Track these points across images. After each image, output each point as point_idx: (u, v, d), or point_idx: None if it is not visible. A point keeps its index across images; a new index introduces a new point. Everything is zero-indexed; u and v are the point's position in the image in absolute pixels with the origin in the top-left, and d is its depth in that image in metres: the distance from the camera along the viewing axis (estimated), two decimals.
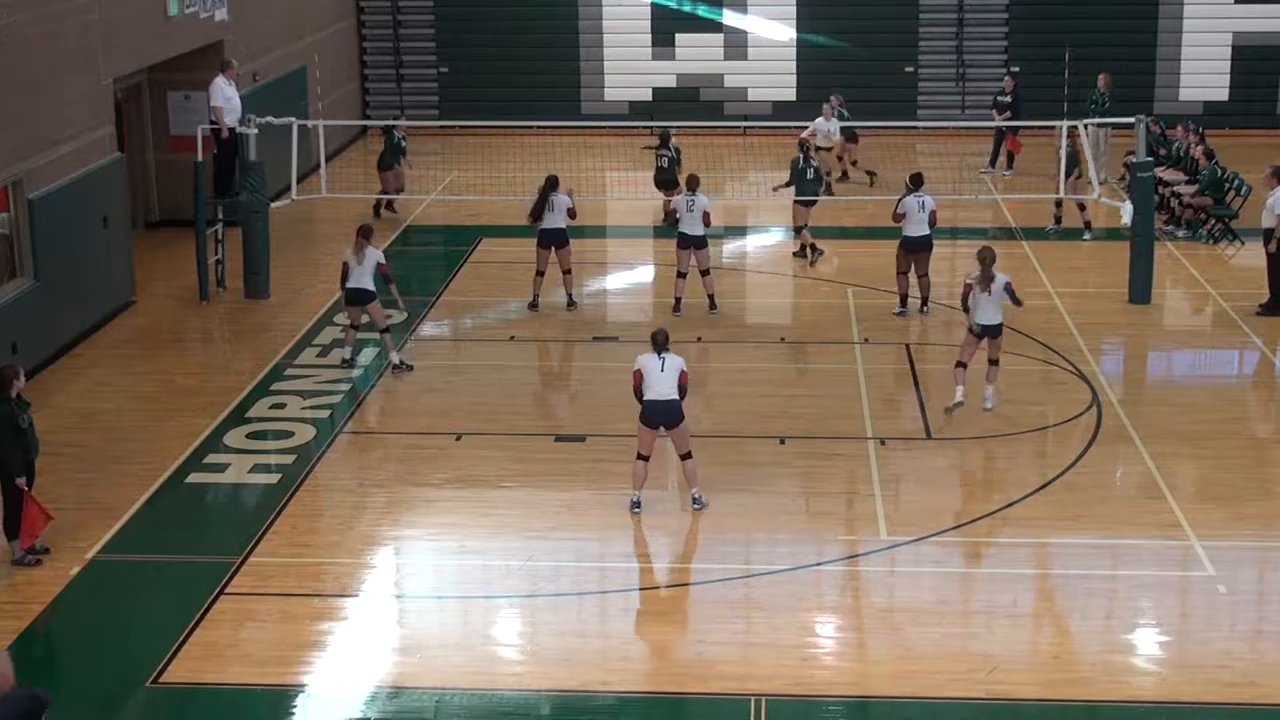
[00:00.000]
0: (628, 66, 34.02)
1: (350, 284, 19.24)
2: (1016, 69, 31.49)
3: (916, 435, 17.27)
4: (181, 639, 12.93)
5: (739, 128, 32.84)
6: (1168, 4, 33.11)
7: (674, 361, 15.21)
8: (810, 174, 23.50)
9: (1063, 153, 23.53)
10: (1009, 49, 33.42)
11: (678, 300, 21.26)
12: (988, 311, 17.51)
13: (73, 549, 14.55)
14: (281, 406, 18.27)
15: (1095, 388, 18.56)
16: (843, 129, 27.70)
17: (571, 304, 21.58)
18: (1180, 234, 25.11)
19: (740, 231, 26.66)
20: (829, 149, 27.33)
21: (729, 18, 33.70)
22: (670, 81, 33.92)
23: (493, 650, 12.99)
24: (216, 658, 12.70)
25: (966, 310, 17.71)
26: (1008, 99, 29.23)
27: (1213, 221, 25.07)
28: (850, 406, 18.04)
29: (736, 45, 33.85)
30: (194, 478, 16.36)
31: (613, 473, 16.19)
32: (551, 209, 21.15)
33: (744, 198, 28.35)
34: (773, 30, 33.68)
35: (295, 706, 12.12)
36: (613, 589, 14.02)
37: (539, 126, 29.59)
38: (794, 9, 33.62)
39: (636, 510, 15.28)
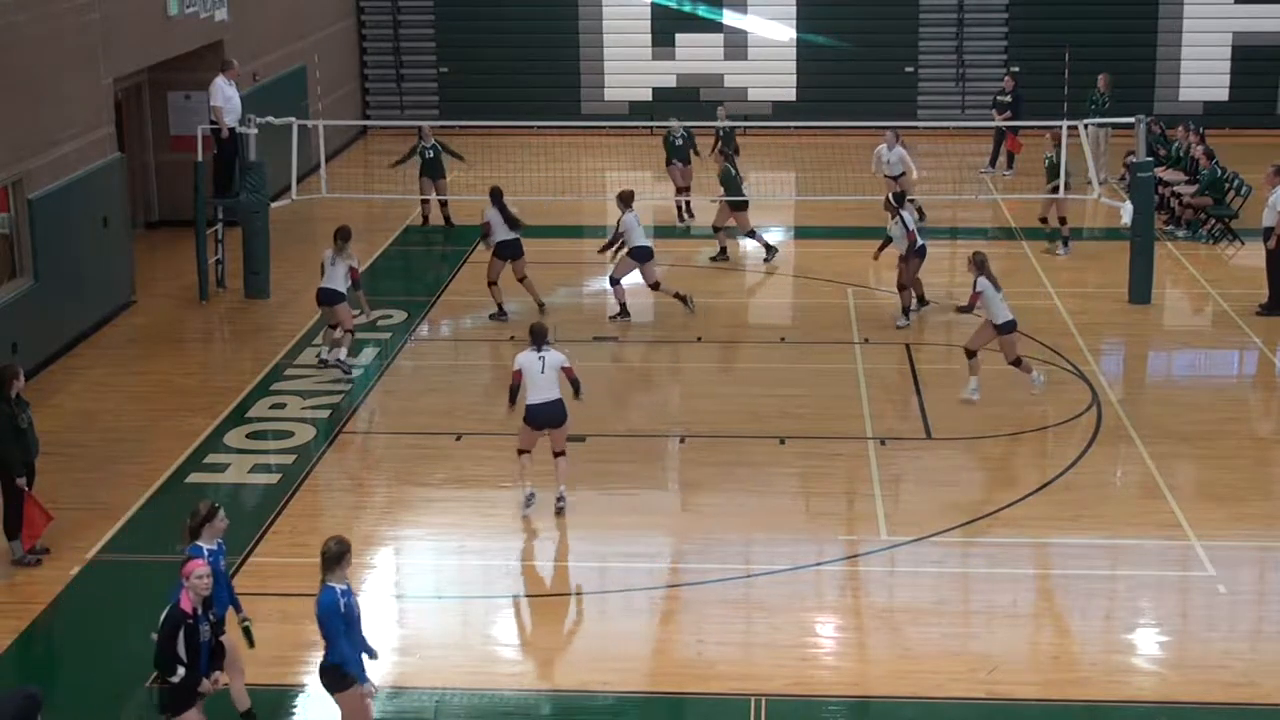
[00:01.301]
0: (628, 66, 34.02)
1: (321, 284, 19.34)
2: (1016, 69, 31.47)
3: (916, 435, 17.26)
4: None
5: (739, 128, 32.79)
6: (1168, 4, 33.12)
7: (554, 359, 15.24)
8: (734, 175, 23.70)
9: (1063, 157, 23.43)
10: (1009, 49, 33.42)
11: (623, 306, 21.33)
12: (1002, 308, 17.87)
13: (73, 549, 14.55)
14: (281, 406, 18.27)
15: (1095, 388, 18.56)
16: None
17: (542, 307, 21.58)
18: (1180, 234, 25.11)
19: (739, 232, 26.60)
20: (896, 176, 25.47)
21: (729, 18, 33.70)
22: (670, 81, 33.92)
23: (493, 650, 12.99)
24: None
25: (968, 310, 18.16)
26: (1008, 99, 29.22)
27: (1213, 221, 25.07)
28: (850, 406, 18.04)
29: (736, 45, 33.85)
30: (194, 478, 16.35)
31: (613, 473, 16.21)
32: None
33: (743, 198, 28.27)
34: (773, 30, 33.68)
35: (295, 706, 12.12)
36: (613, 589, 14.02)
37: (539, 126, 29.59)
38: (794, 9, 33.62)
39: (529, 508, 15.28)
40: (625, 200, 21.20)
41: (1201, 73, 33.12)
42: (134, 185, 24.55)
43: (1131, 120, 22.53)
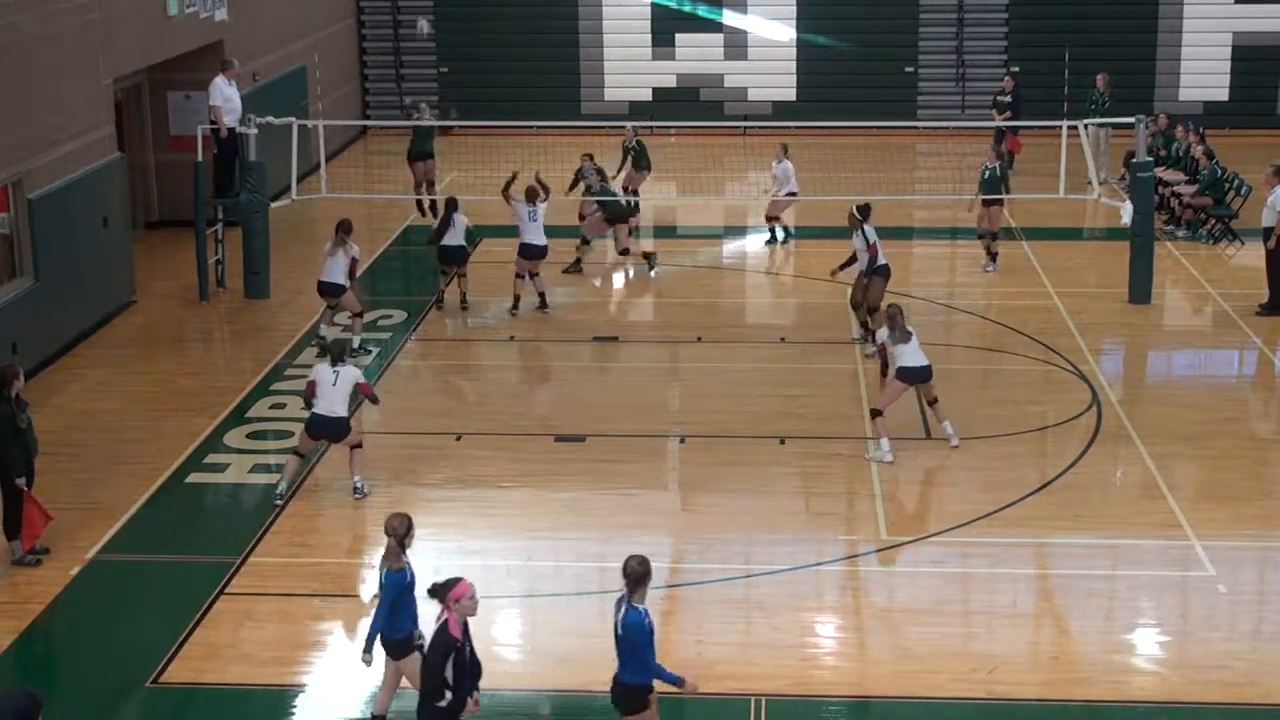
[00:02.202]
0: (628, 66, 34.03)
1: (320, 277, 19.74)
2: (1016, 69, 31.49)
3: (916, 435, 17.25)
4: (181, 639, 12.94)
5: (739, 128, 32.84)
6: (1168, 4, 33.12)
7: (348, 374, 15.44)
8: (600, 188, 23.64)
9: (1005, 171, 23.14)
10: (1009, 49, 33.42)
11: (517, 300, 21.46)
12: (914, 355, 16.58)
13: (73, 549, 14.55)
14: (281, 406, 18.26)
15: (1095, 388, 18.56)
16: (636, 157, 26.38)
17: (465, 304, 21.77)
18: (1180, 234, 25.11)
19: (740, 231, 26.66)
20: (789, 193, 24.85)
21: (729, 18, 33.70)
22: (670, 81, 33.93)
23: (493, 650, 12.97)
24: (216, 658, 12.70)
25: (885, 375, 17.25)
26: (1008, 99, 29.22)
27: (1213, 221, 25.07)
28: (850, 406, 18.04)
29: (736, 45, 33.85)
30: (194, 478, 16.36)
31: (613, 473, 16.21)
32: (453, 226, 21.32)
33: (743, 198, 28.34)
34: (773, 30, 33.69)
35: (295, 706, 12.13)
36: (613, 589, 13.95)
37: (539, 126, 29.59)
38: (794, 9, 33.62)
39: (279, 502, 15.49)
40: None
41: (1201, 73, 33.12)
42: (134, 185, 24.55)
43: (1132, 120, 22.52)
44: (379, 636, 11.15)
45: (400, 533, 11.20)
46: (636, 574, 10.33)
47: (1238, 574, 14.16)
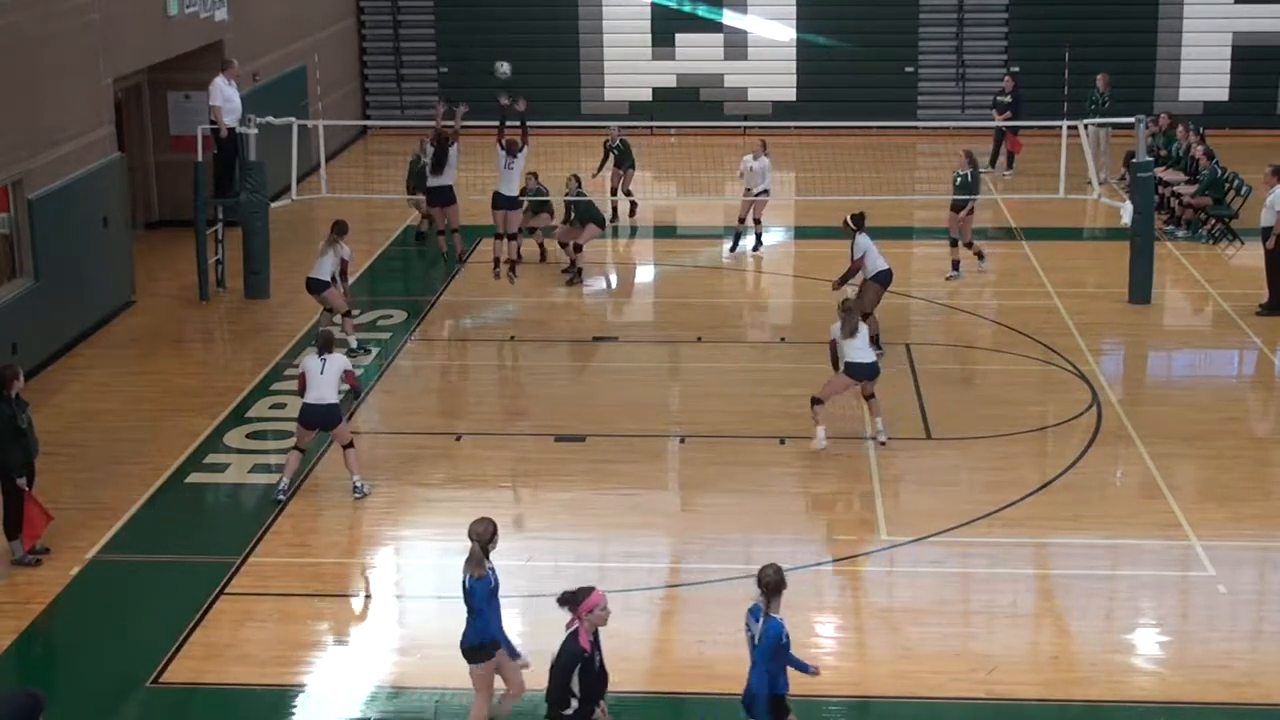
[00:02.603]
0: (628, 66, 34.03)
1: (309, 273, 19.84)
2: (1016, 69, 31.50)
3: (916, 435, 17.26)
4: (181, 639, 12.94)
5: (739, 128, 32.83)
6: (1168, 4, 33.12)
7: (335, 362, 15.51)
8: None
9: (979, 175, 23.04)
10: (1009, 49, 33.43)
11: (497, 261, 21.64)
12: (860, 351, 16.68)
13: (73, 549, 14.55)
14: (281, 406, 18.27)
15: (1095, 388, 18.56)
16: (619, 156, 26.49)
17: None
18: (1180, 234, 25.11)
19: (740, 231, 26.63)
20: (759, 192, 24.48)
21: (729, 18, 33.70)
22: (670, 81, 33.92)
23: None
24: (216, 658, 12.71)
25: (837, 369, 16.88)
26: (1008, 99, 29.23)
27: (1213, 221, 25.07)
28: (850, 407, 18.03)
29: (736, 45, 33.85)
30: (194, 478, 16.36)
31: (613, 473, 16.21)
32: (449, 163, 21.93)
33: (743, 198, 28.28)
34: (773, 30, 33.68)
35: (295, 706, 12.13)
36: (613, 589, 13.98)
37: (539, 126, 29.53)
38: (794, 9, 33.62)
39: (281, 498, 15.54)
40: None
41: (1201, 73, 33.12)
42: (134, 185, 24.55)
43: (1132, 120, 22.52)
44: (466, 646, 11.08)
45: (485, 538, 11.03)
46: (773, 582, 10.28)
47: (1237, 574, 14.16)
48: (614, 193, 26.34)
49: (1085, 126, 24.89)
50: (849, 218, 19.60)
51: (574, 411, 18.06)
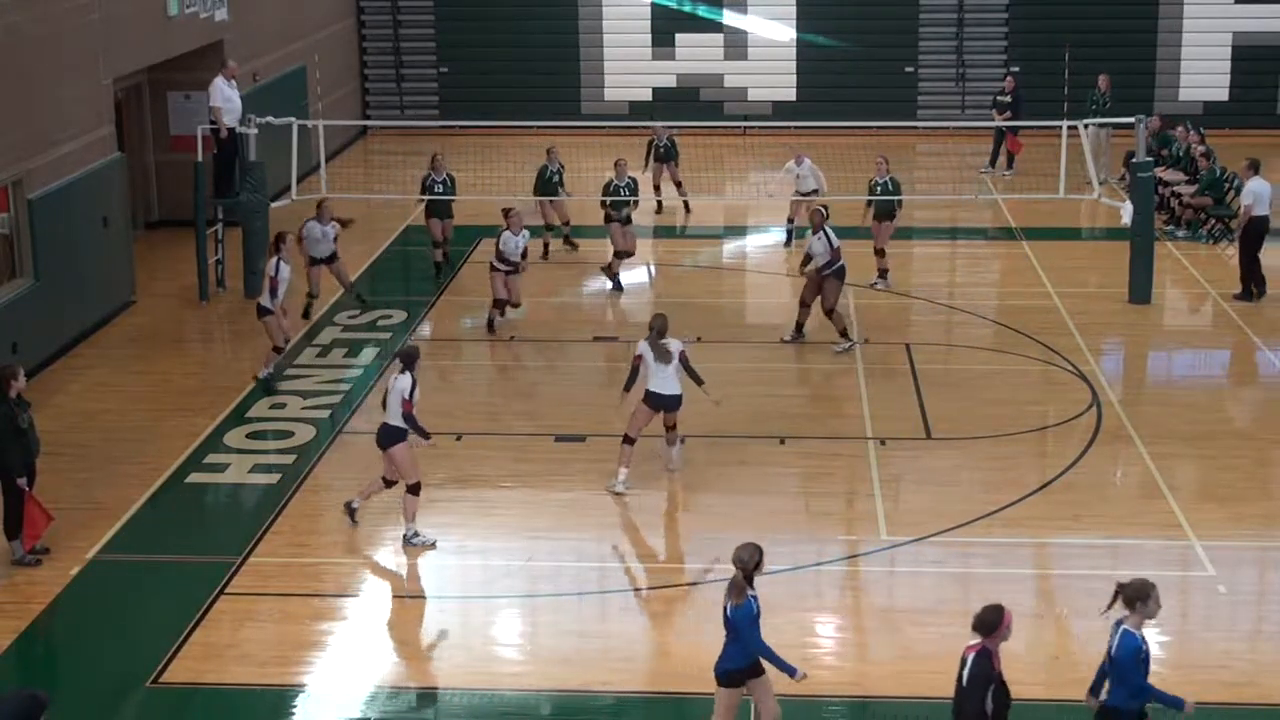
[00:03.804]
0: (628, 66, 34.03)
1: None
2: (1016, 69, 31.50)
3: (916, 435, 17.26)
4: (181, 639, 12.94)
5: (739, 128, 32.84)
6: (1168, 4, 33.12)
7: (399, 384, 14.45)
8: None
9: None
10: (1009, 49, 33.43)
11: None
12: (666, 382, 15.75)
13: (73, 549, 14.55)
14: (281, 406, 18.27)
15: (1095, 388, 18.56)
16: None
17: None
18: (1180, 234, 25.11)
19: (740, 231, 26.67)
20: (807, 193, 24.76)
21: (729, 18, 33.71)
22: (670, 81, 33.93)
23: (493, 650, 13.00)
24: (216, 658, 12.70)
25: (628, 390, 15.92)
26: (1008, 99, 29.23)
27: (1212, 221, 25.08)
28: (850, 406, 18.04)
29: (736, 45, 33.86)
30: (194, 478, 16.36)
31: (613, 472, 16.18)
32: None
33: (744, 198, 28.34)
34: (773, 30, 33.69)
35: (295, 706, 12.13)
36: (613, 589, 14.02)
37: (539, 126, 29.60)
38: (794, 9, 33.63)
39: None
40: None
41: (1201, 73, 33.12)
42: (134, 185, 24.54)
43: (1132, 120, 22.53)
44: (725, 670, 10.86)
45: (749, 566, 10.68)
46: (1141, 591, 10.10)
47: (1237, 574, 14.17)
48: (657, 189, 26.59)
49: (1085, 127, 24.88)
50: (821, 208, 20.24)
51: (574, 411, 18.05)
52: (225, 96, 23.32)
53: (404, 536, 14.70)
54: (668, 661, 12.77)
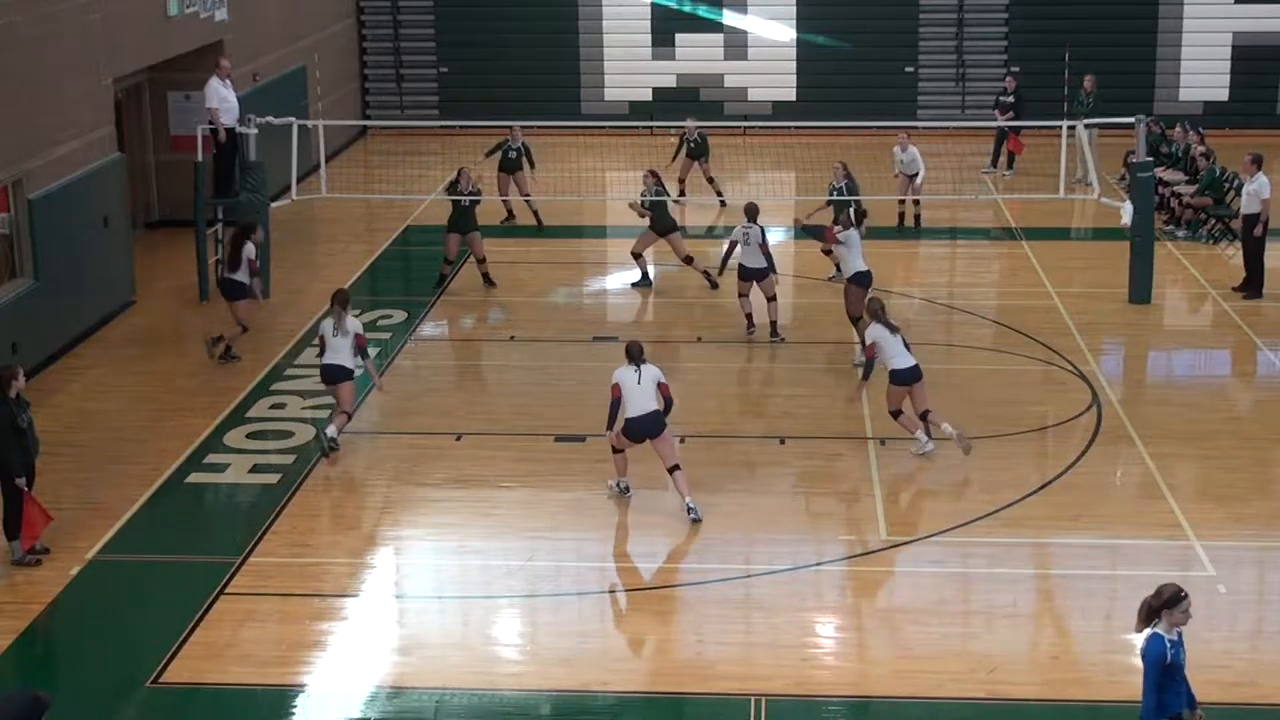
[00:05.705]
0: (628, 66, 34.04)
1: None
2: (1018, 69, 31.50)
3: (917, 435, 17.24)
4: (181, 639, 12.93)
5: (739, 128, 32.84)
6: (1168, 4, 33.13)
7: (650, 373, 15.07)
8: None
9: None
10: (1009, 49, 33.44)
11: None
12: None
13: (73, 549, 14.54)
14: (281, 406, 18.27)
15: (1095, 388, 18.56)
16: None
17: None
18: (1180, 234, 25.11)
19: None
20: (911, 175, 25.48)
21: (729, 18, 33.72)
22: (670, 81, 33.94)
23: (493, 650, 12.99)
24: (216, 658, 12.70)
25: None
26: (1010, 99, 29.23)
27: (1213, 221, 25.08)
28: (850, 406, 18.03)
29: (736, 45, 33.87)
30: (194, 478, 16.36)
31: (613, 473, 16.18)
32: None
33: (744, 198, 28.24)
34: (773, 30, 33.69)
35: (295, 706, 12.12)
36: (613, 589, 14.02)
37: (539, 126, 29.62)
38: (794, 9, 33.63)
39: (627, 494, 15.58)
40: None
41: (1201, 73, 33.12)
42: (134, 185, 24.53)
43: (1130, 120, 22.53)
44: None
45: (1169, 596, 10.16)
46: (1170, 596, 10.10)
47: (1237, 574, 14.16)
48: (682, 188, 26.73)
49: (1072, 127, 24.84)
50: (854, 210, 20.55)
51: (574, 411, 18.04)
52: (221, 97, 23.27)
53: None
54: (667, 661, 12.77)
